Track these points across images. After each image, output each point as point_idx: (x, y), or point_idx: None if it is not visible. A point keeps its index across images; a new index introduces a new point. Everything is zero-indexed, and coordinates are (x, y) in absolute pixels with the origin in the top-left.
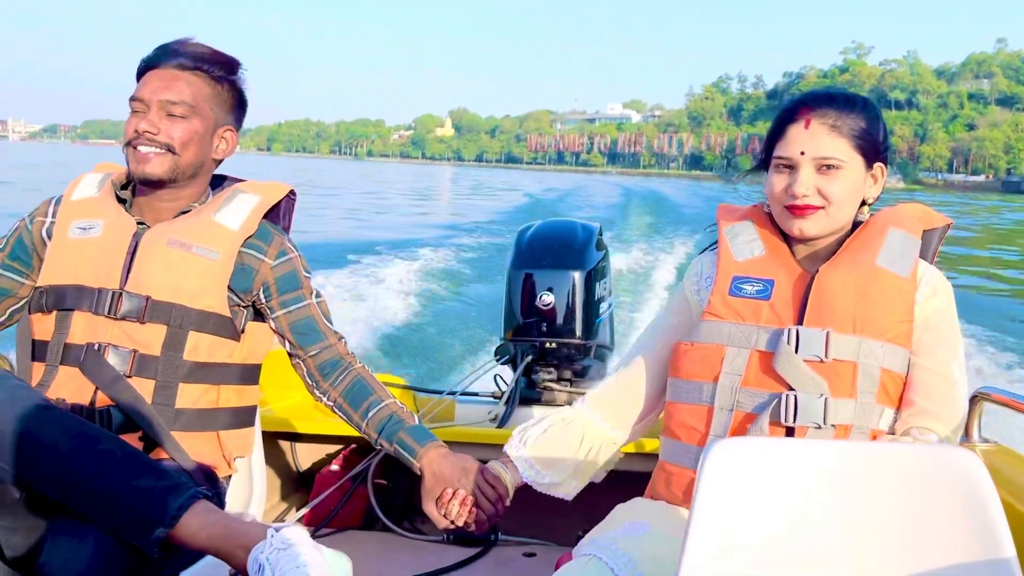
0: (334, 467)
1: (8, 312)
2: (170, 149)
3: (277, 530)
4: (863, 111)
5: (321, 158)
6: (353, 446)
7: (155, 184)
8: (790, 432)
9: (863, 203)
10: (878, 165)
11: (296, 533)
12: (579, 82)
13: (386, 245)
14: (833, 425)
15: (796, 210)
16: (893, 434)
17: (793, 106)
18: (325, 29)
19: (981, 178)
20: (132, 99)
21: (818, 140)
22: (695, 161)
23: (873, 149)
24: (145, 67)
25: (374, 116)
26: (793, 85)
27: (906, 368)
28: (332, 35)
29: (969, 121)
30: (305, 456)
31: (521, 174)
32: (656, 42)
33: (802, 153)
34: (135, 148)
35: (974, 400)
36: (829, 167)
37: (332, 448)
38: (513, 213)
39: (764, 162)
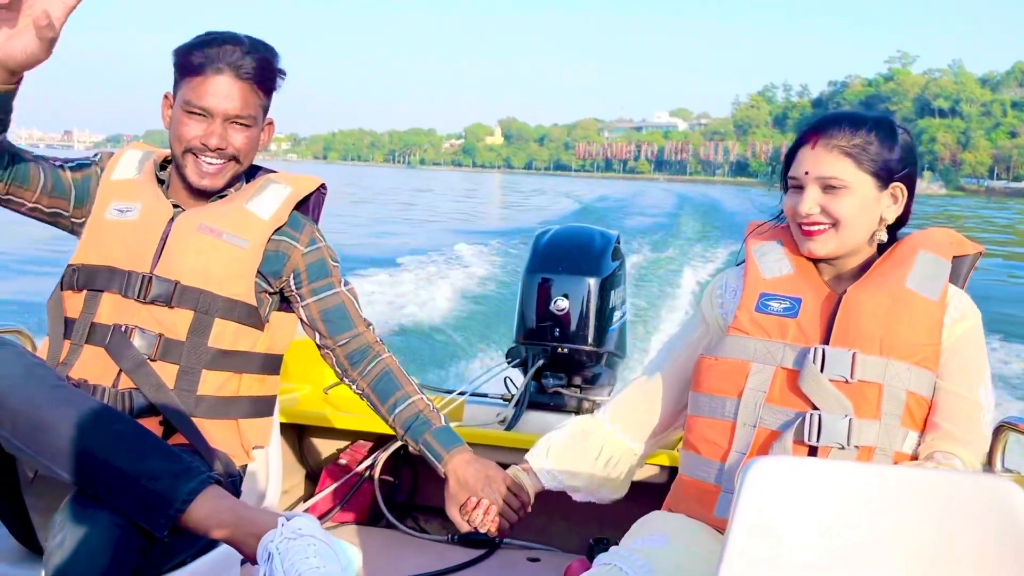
0: (341, 461)
1: (47, 208)
2: (234, 159)
3: (288, 519)
4: (873, 131)
5: (375, 166)
6: (360, 441)
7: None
8: (813, 451)
9: (884, 223)
10: (896, 185)
11: (307, 523)
12: (626, 91)
13: (424, 246)
14: (856, 446)
15: (805, 230)
16: (916, 457)
17: (805, 129)
18: (378, 40)
19: (1023, 184)
20: (191, 105)
21: (822, 161)
22: (740, 168)
23: (886, 169)
24: (197, 66)
25: (426, 126)
26: (838, 94)
27: (932, 392)
28: (385, 46)
29: (1012, 128)
30: (312, 449)
31: (570, 181)
32: (702, 51)
33: (807, 173)
34: (198, 158)
35: (999, 430)
36: (833, 187)
37: (340, 443)
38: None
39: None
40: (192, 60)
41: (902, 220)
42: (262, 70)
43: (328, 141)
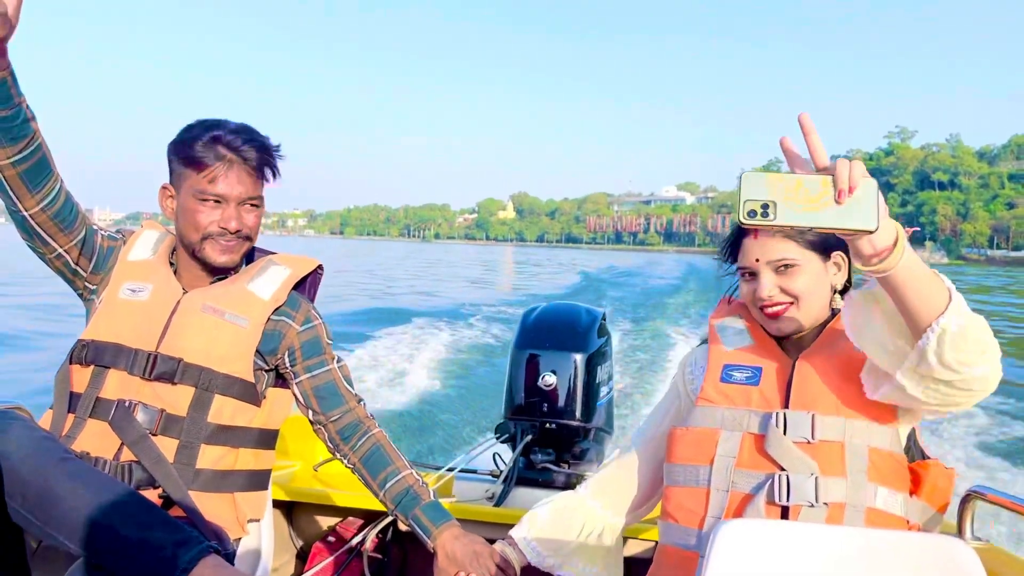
0: (331, 538)
1: (65, 245)
2: (248, 238)
3: None
4: None
5: (391, 240)
6: (350, 518)
7: (227, 269)
8: (785, 511)
9: (835, 291)
10: (837, 254)
11: None
12: (634, 166)
13: (426, 317)
14: (826, 503)
15: (768, 313)
16: (893, 515)
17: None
18: (392, 119)
19: (1022, 253)
20: (206, 193)
21: (767, 246)
22: None
23: (822, 243)
24: (204, 156)
25: (440, 201)
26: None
27: (897, 446)
28: (399, 125)
29: (1009, 200)
30: (302, 526)
31: (581, 253)
32: (708, 126)
33: (757, 260)
34: (217, 240)
35: (967, 499)
36: (786, 267)
37: (329, 519)
38: (566, 294)
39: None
40: (197, 152)
41: (848, 284)
42: (263, 154)
43: (344, 217)
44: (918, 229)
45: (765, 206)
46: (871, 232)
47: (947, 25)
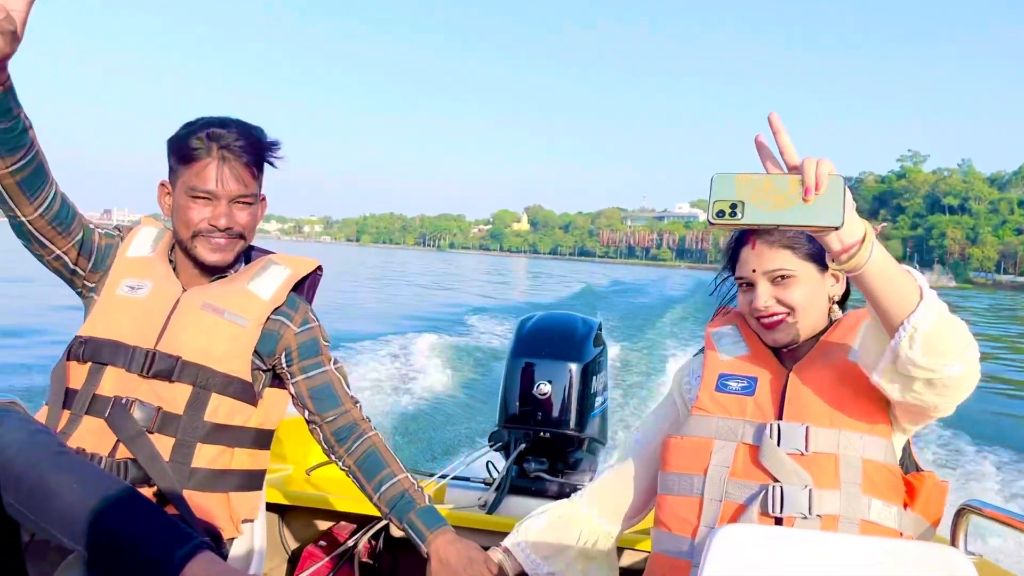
0: (322, 543)
1: (64, 247)
2: (240, 236)
3: None
4: None
5: (407, 249)
6: (342, 523)
7: (223, 268)
8: (778, 522)
9: (833, 301)
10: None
11: None
12: (648, 182)
13: (424, 323)
14: (819, 515)
15: (765, 324)
16: (887, 528)
17: (741, 232)
18: (409, 129)
19: None
20: (196, 190)
21: (764, 257)
22: None
23: (820, 253)
24: (196, 153)
25: (455, 211)
26: (853, 190)
27: (891, 457)
28: (415, 135)
29: (1018, 226)
30: (294, 530)
31: (594, 265)
32: (723, 145)
33: (754, 271)
34: (207, 238)
35: (961, 513)
36: (783, 278)
37: (321, 524)
38: (568, 301)
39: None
40: (190, 148)
41: (847, 295)
42: (257, 151)
43: (360, 224)
44: (886, 224)
45: (734, 206)
46: (837, 228)
47: (962, 50)
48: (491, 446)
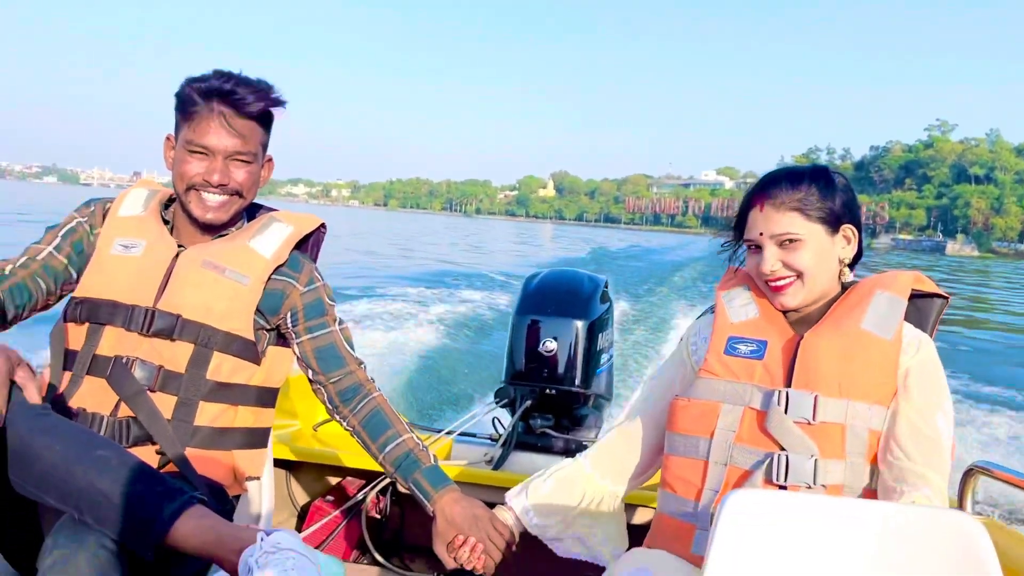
0: (329, 498)
1: (57, 295)
2: (237, 193)
3: (268, 534)
4: (812, 183)
5: (434, 214)
6: (349, 478)
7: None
8: (782, 490)
9: (845, 264)
10: (846, 227)
11: (287, 537)
12: (675, 149)
13: (428, 280)
14: (824, 485)
15: (773, 287)
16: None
17: (750, 194)
18: (435, 94)
19: None
20: (193, 144)
21: (772, 220)
22: None
23: (832, 215)
24: (196, 106)
25: (481, 177)
26: (879, 158)
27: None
28: (442, 100)
29: None
30: (300, 486)
31: (619, 232)
32: (750, 113)
33: (761, 234)
34: (200, 193)
35: (968, 474)
36: (790, 241)
37: (328, 480)
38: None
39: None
40: (191, 101)
41: (858, 256)
42: (259, 109)
43: (387, 189)
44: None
45: None
46: None
47: (994, 18)
48: (497, 403)
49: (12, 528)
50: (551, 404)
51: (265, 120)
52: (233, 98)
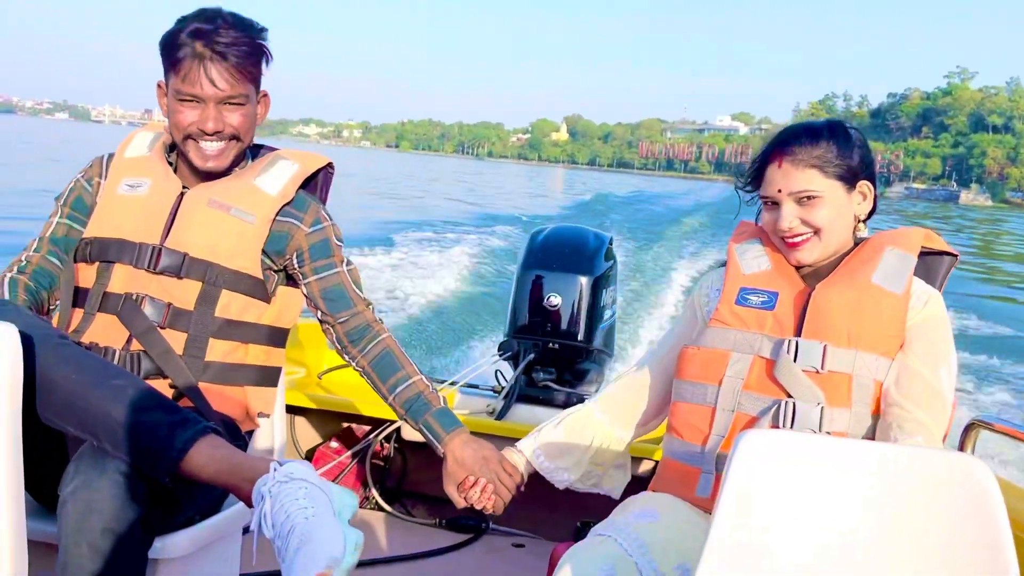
0: (333, 444)
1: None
2: (235, 137)
3: (282, 464)
4: (831, 139)
5: (445, 156)
6: (353, 425)
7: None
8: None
9: (859, 220)
10: (863, 183)
11: (300, 467)
12: (689, 93)
13: (434, 228)
14: (829, 432)
15: (789, 243)
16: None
17: (768, 150)
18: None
19: None
20: (182, 93)
21: (791, 177)
22: None
23: (849, 171)
24: (182, 54)
25: (494, 119)
26: (897, 105)
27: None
28: (454, 41)
29: None
30: (305, 432)
31: (632, 177)
32: (765, 58)
33: (779, 191)
34: (197, 143)
35: (970, 428)
36: (808, 198)
37: (332, 426)
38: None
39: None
40: (177, 48)
41: (872, 211)
42: (246, 48)
43: (399, 130)
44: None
45: None
46: None
47: None
48: (500, 355)
49: (38, 461)
50: (554, 358)
51: (254, 57)
52: (217, 40)
